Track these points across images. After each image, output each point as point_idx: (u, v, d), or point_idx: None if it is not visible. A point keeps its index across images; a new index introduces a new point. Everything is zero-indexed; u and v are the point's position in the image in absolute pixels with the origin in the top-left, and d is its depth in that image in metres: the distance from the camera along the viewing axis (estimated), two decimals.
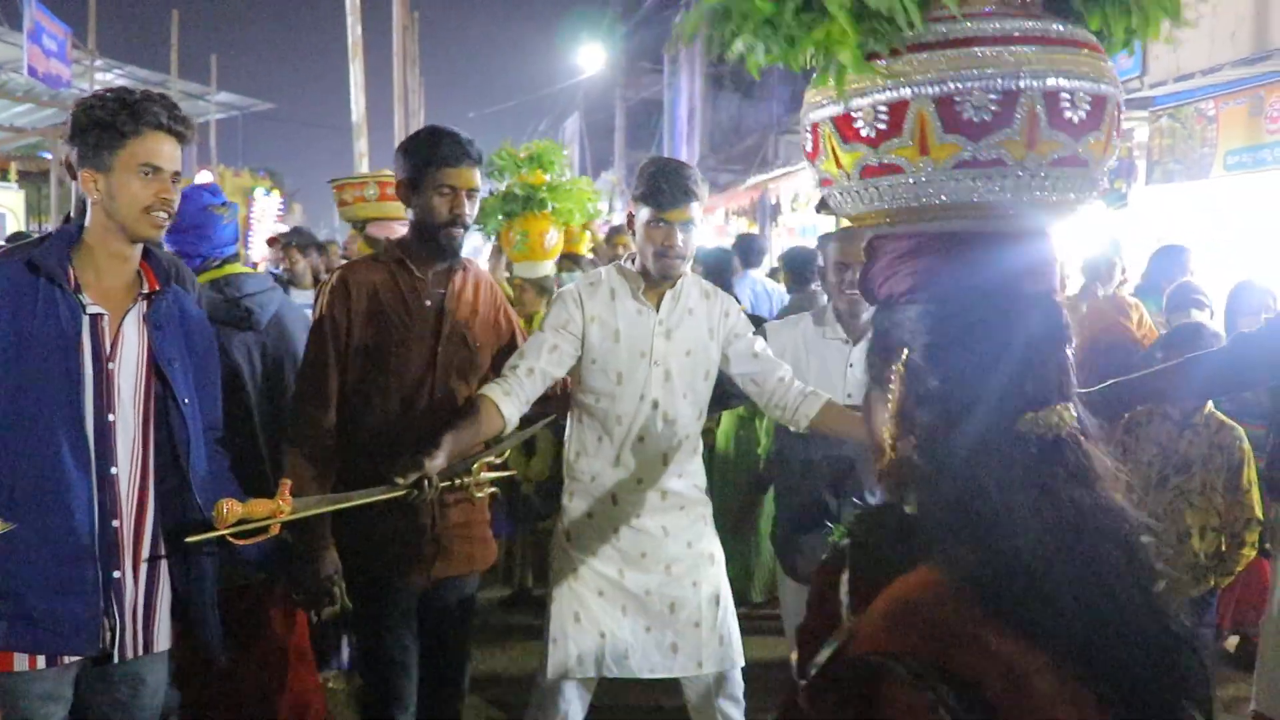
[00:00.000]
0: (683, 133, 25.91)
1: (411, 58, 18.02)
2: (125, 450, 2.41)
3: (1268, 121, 7.39)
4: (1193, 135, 8.08)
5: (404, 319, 3.09)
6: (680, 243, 3.10)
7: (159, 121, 2.39)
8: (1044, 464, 1.17)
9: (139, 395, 2.44)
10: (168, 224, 2.46)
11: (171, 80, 24.70)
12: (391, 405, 3.07)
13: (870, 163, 1.26)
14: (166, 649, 2.54)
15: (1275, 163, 7.35)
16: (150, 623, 2.47)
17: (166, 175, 2.41)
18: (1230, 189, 7.84)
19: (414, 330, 3.10)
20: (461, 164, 3.07)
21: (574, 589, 3.18)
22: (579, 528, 3.21)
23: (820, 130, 1.31)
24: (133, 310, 2.46)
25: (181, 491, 2.47)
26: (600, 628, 3.15)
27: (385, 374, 3.07)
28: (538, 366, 3.07)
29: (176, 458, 2.48)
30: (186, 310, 2.62)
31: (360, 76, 11.98)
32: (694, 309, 3.22)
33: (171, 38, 25.01)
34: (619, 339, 3.14)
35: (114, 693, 2.46)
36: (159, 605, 2.49)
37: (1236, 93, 7.66)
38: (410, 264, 3.13)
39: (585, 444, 3.21)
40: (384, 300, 3.09)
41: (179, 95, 24.92)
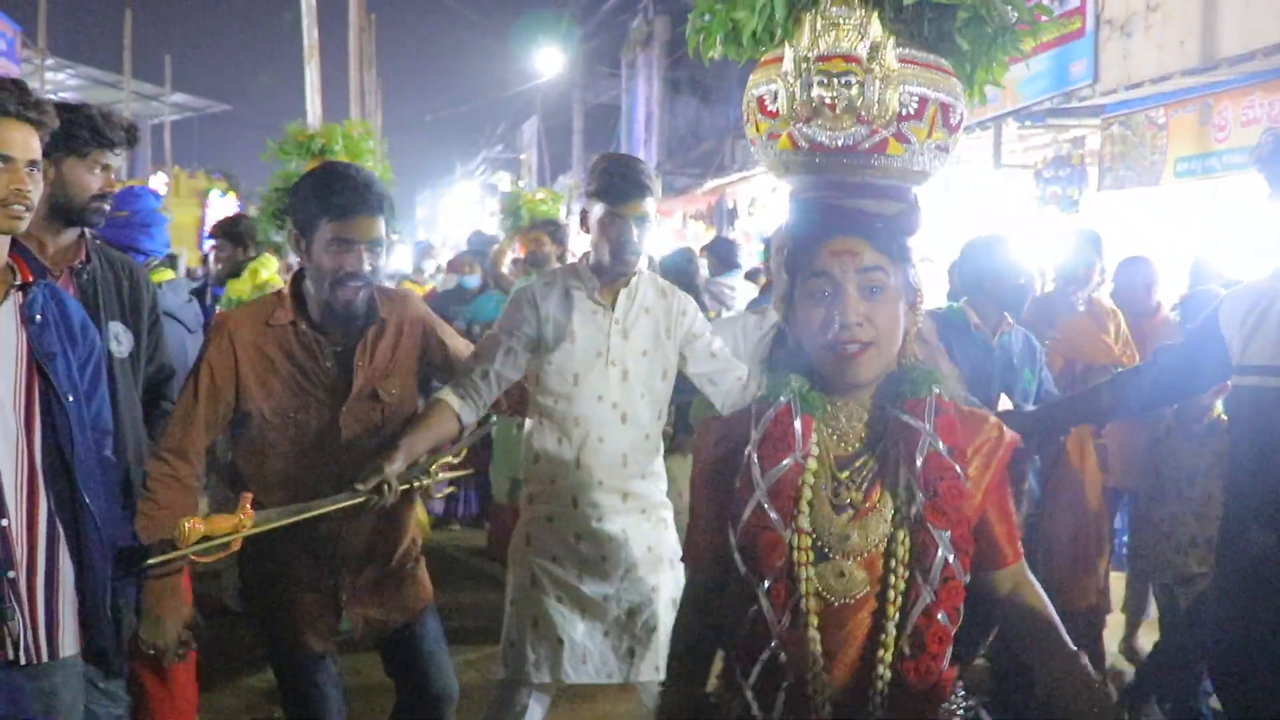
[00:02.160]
0: (640, 136, 25.92)
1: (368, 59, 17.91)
2: (7, 450, 2.29)
3: (1216, 130, 7.51)
4: (1143, 142, 8.19)
5: (300, 383, 2.86)
6: (636, 238, 3.08)
7: (6, 109, 2.26)
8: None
9: (18, 393, 2.32)
10: (26, 216, 2.31)
11: (125, 81, 24.40)
12: (288, 461, 2.88)
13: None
14: (74, 654, 2.42)
15: (1224, 170, 7.47)
16: (54, 626, 2.37)
17: (19, 165, 2.27)
18: (1180, 196, 7.96)
19: (313, 395, 2.86)
20: (360, 214, 2.76)
21: (532, 594, 3.16)
22: (538, 531, 3.20)
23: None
24: (6, 304, 2.34)
25: (71, 493, 2.37)
26: (558, 633, 3.13)
27: (281, 434, 2.87)
28: (492, 369, 3.06)
29: (64, 457, 2.36)
30: (66, 305, 2.49)
31: (317, 78, 11.90)
32: (650, 308, 3.20)
33: (124, 38, 24.69)
34: (575, 339, 3.12)
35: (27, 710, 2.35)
36: (61, 608, 2.38)
37: (1186, 101, 7.78)
38: (304, 324, 2.86)
39: (544, 446, 3.19)
40: (275, 363, 2.84)
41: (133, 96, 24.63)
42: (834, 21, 1.73)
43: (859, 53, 1.72)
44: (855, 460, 1.79)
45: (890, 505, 1.75)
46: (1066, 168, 9.09)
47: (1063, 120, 9.12)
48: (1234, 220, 7.57)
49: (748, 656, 1.72)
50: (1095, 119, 8.75)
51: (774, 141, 1.81)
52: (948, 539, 1.71)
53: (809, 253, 1.76)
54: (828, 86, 1.72)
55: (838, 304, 1.72)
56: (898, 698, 1.71)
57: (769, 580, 1.70)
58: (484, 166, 45.31)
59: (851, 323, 1.71)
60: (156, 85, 27.09)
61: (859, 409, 1.81)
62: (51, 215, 3.03)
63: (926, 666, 1.70)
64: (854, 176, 1.79)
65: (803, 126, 1.76)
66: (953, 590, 1.72)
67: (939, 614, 1.70)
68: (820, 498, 1.75)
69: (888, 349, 1.76)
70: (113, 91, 24.80)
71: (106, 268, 3.21)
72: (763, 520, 1.71)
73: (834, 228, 1.76)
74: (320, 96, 11.92)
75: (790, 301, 1.80)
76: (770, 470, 1.73)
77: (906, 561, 1.71)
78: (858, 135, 1.74)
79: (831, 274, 1.73)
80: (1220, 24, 7.40)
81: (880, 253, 1.75)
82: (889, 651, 1.71)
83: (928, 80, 1.78)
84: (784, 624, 1.69)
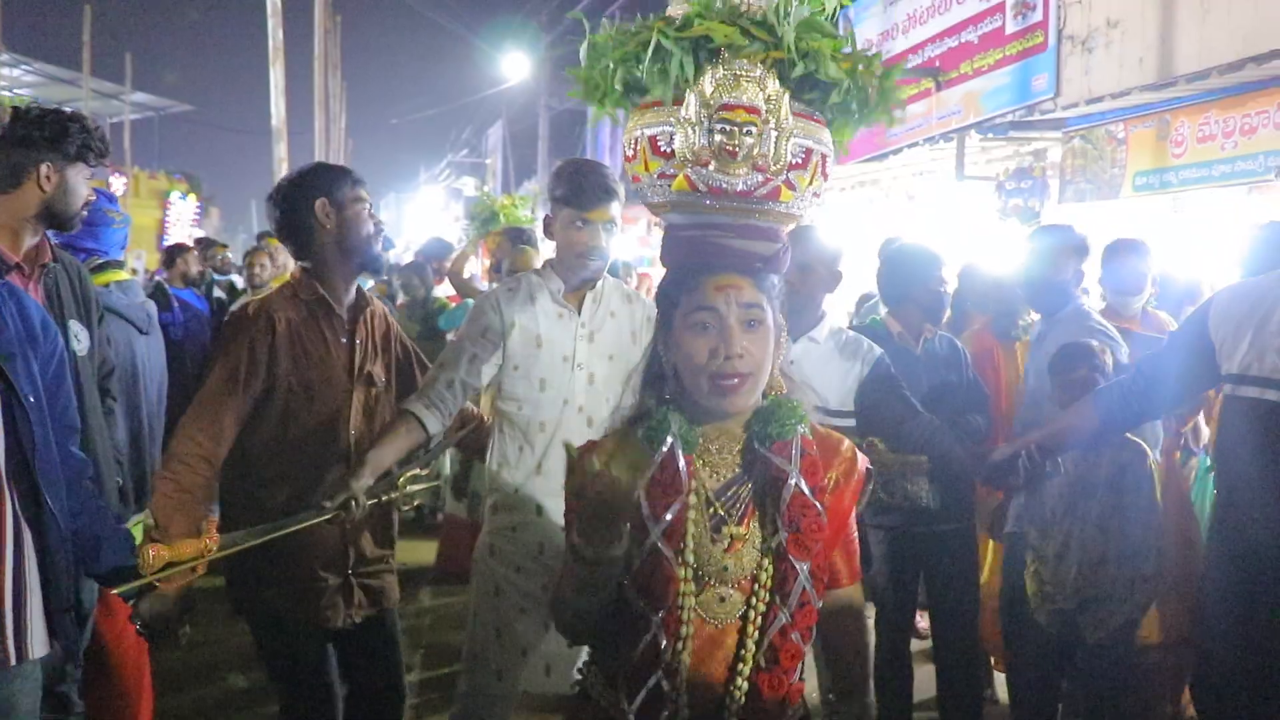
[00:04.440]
0: (605, 143, 25.93)
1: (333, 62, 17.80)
2: None
3: (1173, 145, 7.63)
4: (1103, 156, 8.30)
5: (324, 357, 3.02)
6: (602, 242, 3.08)
7: None
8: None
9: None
10: None
11: (84, 78, 24.07)
12: (307, 438, 2.98)
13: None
14: (44, 655, 2.39)
15: (1180, 185, 7.59)
16: (21, 629, 2.33)
17: None
18: (1138, 209, 8.08)
19: (333, 369, 3.03)
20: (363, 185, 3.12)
21: (496, 605, 3.14)
22: (502, 541, 3.16)
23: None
24: None
25: (35, 495, 2.33)
26: (521, 645, 3.11)
27: (306, 410, 2.98)
28: (458, 378, 3.05)
29: (25, 458, 2.32)
30: (25, 304, 2.45)
31: (281, 80, 11.82)
32: (616, 312, 3.20)
33: (84, 34, 24.36)
34: (540, 344, 3.11)
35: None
36: (29, 611, 2.34)
37: (1144, 116, 7.90)
38: (329, 299, 3.06)
39: (506, 455, 3.16)
40: (306, 338, 3.01)
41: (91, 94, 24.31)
42: (736, 73, 1.84)
43: (759, 104, 1.84)
44: (727, 491, 1.90)
45: (759, 535, 1.88)
46: (1028, 179, 9.20)
47: (1025, 133, 9.23)
48: (1192, 234, 7.70)
49: (635, 682, 1.83)
50: (1057, 132, 8.87)
51: (666, 181, 1.88)
52: (806, 569, 1.86)
53: (693, 286, 1.86)
54: (729, 135, 1.83)
55: (723, 336, 1.82)
56: (752, 707, 1.86)
57: (662, 612, 1.81)
58: (449, 171, 45.21)
59: (735, 354, 1.81)
60: (116, 84, 26.75)
61: (729, 440, 1.92)
62: (42, 218, 3.06)
63: (779, 679, 1.86)
64: (738, 219, 1.89)
65: (701, 170, 1.85)
66: (807, 613, 1.88)
67: (793, 634, 1.86)
68: (701, 531, 1.86)
69: (762, 381, 1.87)
70: (71, 89, 24.45)
71: (62, 268, 3.25)
72: (658, 559, 1.81)
73: (718, 265, 1.87)
74: (285, 99, 11.84)
75: (670, 331, 1.89)
76: (663, 515, 1.82)
77: (769, 586, 1.86)
78: (753, 181, 1.85)
79: (716, 308, 1.83)
80: (1178, 42, 7.51)
81: (759, 290, 1.86)
82: (747, 665, 1.85)
83: (812, 132, 1.91)
84: (671, 652, 1.81)
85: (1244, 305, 2.62)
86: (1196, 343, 2.71)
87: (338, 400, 3.02)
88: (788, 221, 1.96)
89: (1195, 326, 2.73)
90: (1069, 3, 8.60)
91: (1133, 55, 7.90)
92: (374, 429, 3.07)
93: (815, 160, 1.90)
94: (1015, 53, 9.13)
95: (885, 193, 12.72)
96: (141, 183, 24.77)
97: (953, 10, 10.07)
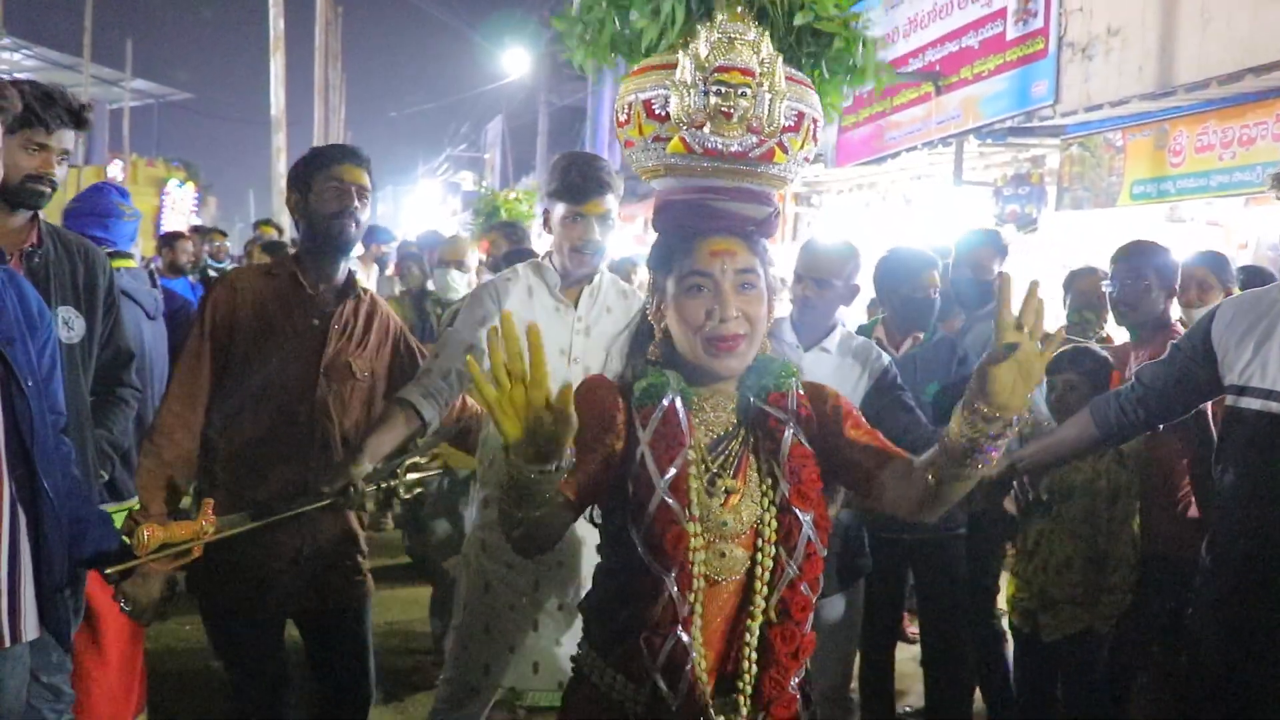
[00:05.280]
0: (605, 140, 25.93)
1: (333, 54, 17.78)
2: None
3: (1171, 154, 7.65)
4: (1101, 164, 8.32)
5: (289, 334, 2.99)
6: (598, 236, 3.06)
7: None
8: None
9: None
10: None
11: (84, 64, 24.03)
12: (263, 421, 2.95)
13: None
14: (35, 638, 2.39)
15: (1178, 194, 7.61)
16: (16, 610, 2.34)
17: None
18: (1135, 218, 8.09)
19: (297, 348, 2.99)
20: (347, 161, 3.06)
21: (485, 600, 3.12)
22: (494, 536, 3.11)
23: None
24: None
25: (30, 478, 2.34)
26: (509, 642, 3.10)
27: (263, 387, 2.94)
28: (454, 368, 3.02)
29: (23, 442, 2.33)
30: (24, 290, 2.46)
31: (281, 71, 11.81)
32: (612, 307, 3.17)
33: (85, 19, 24.32)
34: None
35: None
36: (23, 592, 2.35)
37: (1143, 125, 7.91)
38: (303, 278, 3.04)
39: (500, 448, 3.14)
40: (270, 312, 2.99)
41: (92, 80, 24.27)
42: (730, 35, 1.87)
43: (753, 67, 1.87)
44: (718, 446, 1.92)
45: (757, 489, 1.90)
46: (1026, 186, 9.21)
47: (1023, 139, 9.25)
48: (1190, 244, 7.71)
49: (656, 640, 1.83)
50: (1055, 139, 8.88)
51: (662, 144, 1.90)
52: (810, 520, 1.88)
53: (688, 250, 1.90)
54: (724, 96, 1.85)
55: (718, 298, 1.86)
56: (765, 659, 1.87)
57: (675, 569, 1.82)
58: (447, 165, 45.18)
59: (730, 316, 1.85)
60: (117, 70, 26.70)
61: (724, 399, 1.95)
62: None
63: (791, 632, 1.88)
64: (731, 181, 1.92)
65: (697, 132, 1.87)
66: (814, 564, 1.89)
67: (802, 585, 1.87)
68: (699, 486, 1.88)
69: (757, 342, 1.91)
70: (71, 75, 24.40)
71: (61, 251, 3.17)
72: (668, 515, 1.82)
73: (712, 228, 1.91)
74: (284, 89, 11.83)
75: (664, 295, 1.93)
76: (668, 468, 1.83)
77: (774, 540, 1.87)
78: (748, 143, 1.88)
79: (711, 272, 1.87)
80: (1178, 51, 7.54)
81: (752, 253, 1.91)
82: (757, 621, 1.87)
83: (803, 96, 1.94)
84: (689, 608, 1.83)
85: (1248, 316, 2.58)
86: (1199, 352, 2.66)
87: (300, 383, 2.98)
88: (780, 185, 1.99)
89: (1198, 335, 2.68)
90: (1070, 10, 8.62)
91: (1132, 63, 7.93)
92: (348, 422, 3.04)
93: (807, 124, 1.94)
94: (1015, 59, 9.16)
95: (883, 196, 12.73)
96: (139, 170, 24.72)
97: (954, 15, 10.09)
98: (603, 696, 1.95)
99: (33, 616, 2.38)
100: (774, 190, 1.98)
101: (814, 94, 1.99)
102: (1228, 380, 2.59)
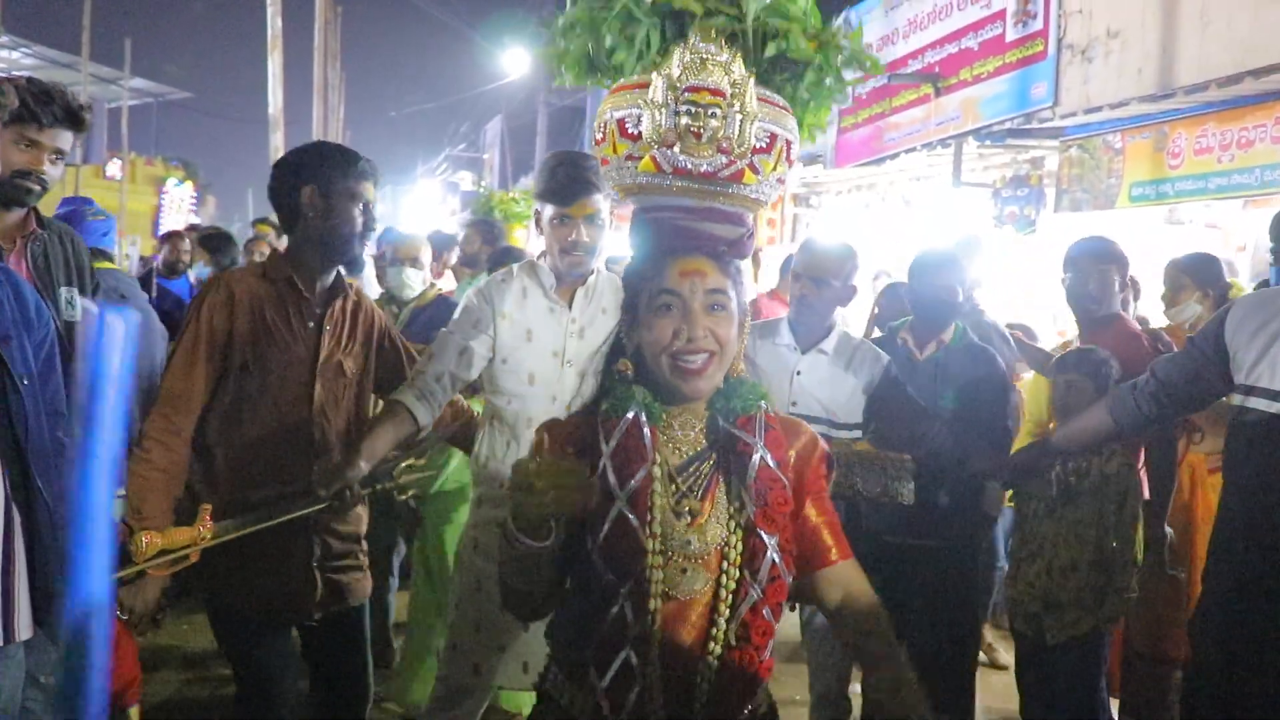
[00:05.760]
0: None
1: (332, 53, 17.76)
2: None
3: (1170, 157, 7.64)
4: (1100, 166, 8.31)
5: (286, 338, 2.95)
6: (586, 238, 3.04)
7: None
8: None
9: None
10: None
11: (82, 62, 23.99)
12: (262, 425, 2.92)
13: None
14: (29, 637, 2.39)
15: (1176, 196, 7.60)
16: (10, 610, 2.34)
17: None
18: (1133, 220, 8.09)
19: (294, 351, 2.96)
20: (369, 178, 3.00)
21: (477, 599, 3.12)
22: (487, 535, 3.13)
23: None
24: None
25: (25, 477, 2.34)
26: (501, 640, 3.10)
27: (261, 393, 2.91)
28: (447, 370, 3.02)
29: (17, 441, 2.33)
30: (20, 288, 2.46)
31: (279, 70, 11.80)
32: (608, 308, 3.15)
33: (84, 18, 24.28)
34: (531, 338, 3.08)
35: None
36: (17, 592, 2.35)
37: (1142, 127, 7.91)
38: (300, 281, 2.99)
39: (494, 448, 3.14)
40: (268, 317, 2.94)
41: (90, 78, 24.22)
42: (702, 56, 1.89)
43: (724, 88, 1.88)
44: (689, 468, 1.92)
45: (725, 511, 1.90)
46: (1025, 188, 9.20)
47: (1022, 141, 9.25)
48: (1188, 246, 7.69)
49: (604, 656, 1.83)
50: (1054, 141, 8.88)
51: (633, 163, 1.91)
52: (775, 543, 1.87)
53: (658, 269, 1.90)
54: (694, 116, 1.87)
55: (686, 318, 1.85)
56: (722, 683, 1.86)
57: (629, 583, 1.82)
58: (446, 165, 45.15)
59: (699, 336, 1.85)
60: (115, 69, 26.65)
61: (692, 419, 1.95)
62: None
63: (750, 656, 1.87)
64: (703, 201, 1.92)
65: (667, 151, 1.88)
66: (778, 588, 1.89)
67: (764, 610, 1.87)
68: (664, 504, 1.87)
69: (725, 363, 1.91)
70: (70, 73, 24.35)
71: (54, 236, 3.22)
72: (624, 527, 1.82)
73: (683, 248, 1.91)
74: (283, 88, 11.82)
75: (635, 313, 1.93)
76: (629, 481, 1.84)
77: (738, 563, 1.87)
78: (717, 163, 1.88)
79: (680, 292, 1.86)
80: (1177, 54, 7.53)
81: (723, 275, 1.90)
82: (718, 643, 1.86)
83: (776, 118, 1.94)
84: (639, 625, 1.82)
85: (1261, 314, 2.56)
86: (1212, 349, 2.65)
87: (298, 386, 2.95)
88: (752, 206, 1.98)
89: (1212, 332, 2.66)
90: (1070, 12, 8.62)
91: (1132, 66, 7.92)
92: (341, 421, 3.01)
93: (780, 145, 1.94)
94: (1015, 60, 9.15)
95: (882, 197, 12.72)
96: (138, 169, 24.70)
97: (953, 16, 10.08)
98: (566, 715, 1.93)
99: (27, 617, 2.38)
100: (747, 211, 1.98)
101: (789, 116, 2.00)
102: (1237, 379, 2.57)
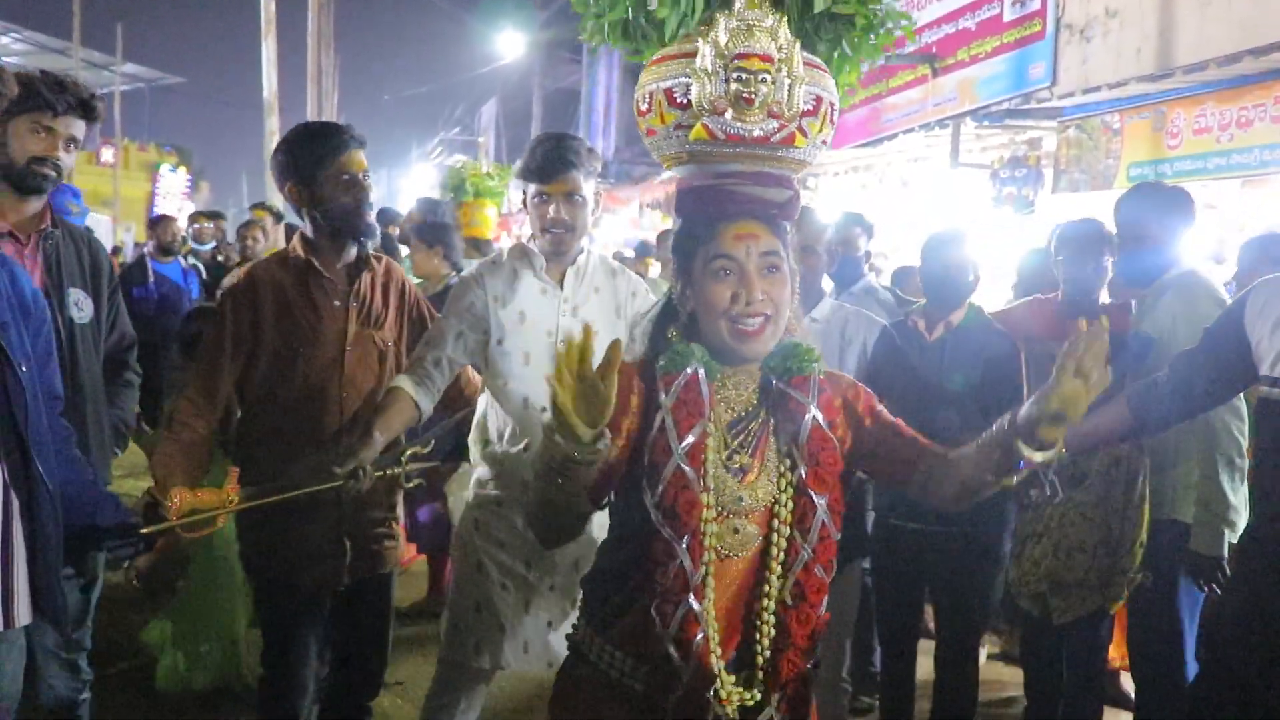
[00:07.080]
0: (599, 124, 25.86)
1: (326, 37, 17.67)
2: None
3: (1168, 137, 7.62)
4: (1098, 146, 8.29)
5: (312, 321, 3.06)
6: (565, 215, 3.02)
7: None
8: None
9: None
10: None
11: (74, 48, 23.91)
12: (295, 404, 3.05)
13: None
14: (25, 625, 2.38)
15: (1175, 176, 7.58)
16: (9, 595, 2.33)
17: None
18: None
19: (322, 332, 3.07)
20: (350, 148, 3.06)
21: (477, 580, 3.12)
22: (487, 516, 3.14)
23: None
24: None
25: (25, 464, 2.34)
26: (501, 621, 3.09)
27: (292, 374, 3.04)
28: (444, 355, 3.03)
29: (16, 426, 2.33)
30: (17, 275, 2.47)
31: (273, 54, 11.76)
32: (600, 287, 3.16)
33: (74, 2, 24.15)
34: (524, 319, 3.08)
35: None
36: (16, 577, 2.34)
37: (1140, 107, 7.88)
38: (318, 265, 3.08)
39: (494, 429, 3.14)
40: (292, 301, 3.05)
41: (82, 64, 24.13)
42: (749, 23, 1.92)
43: (772, 53, 1.91)
44: (739, 425, 1.96)
45: (775, 470, 1.94)
46: (1023, 168, 9.18)
47: (1020, 121, 9.22)
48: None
49: (669, 608, 1.86)
50: (1052, 121, 8.86)
51: (684, 132, 1.94)
52: (825, 503, 1.91)
53: (712, 235, 1.93)
54: (745, 83, 1.89)
55: (743, 283, 1.89)
56: (781, 642, 1.91)
57: (687, 537, 1.85)
58: (441, 149, 45.02)
59: (757, 299, 1.89)
60: (107, 54, 26.56)
61: (747, 379, 1.98)
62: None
63: (806, 614, 1.92)
64: (752, 166, 1.96)
65: (719, 118, 1.91)
66: (828, 547, 1.93)
67: (816, 568, 1.91)
68: (717, 460, 1.91)
69: (781, 324, 1.95)
70: (61, 59, 24.26)
71: (67, 236, 3.28)
72: (682, 480, 1.86)
73: (735, 213, 1.94)
74: (277, 73, 11.77)
75: (690, 279, 1.96)
76: (686, 435, 1.87)
77: (789, 521, 1.91)
78: (769, 128, 1.92)
79: (735, 256, 1.90)
80: (1176, 33, 7.50)
81: (775, 237, 1.94)
82: (772, 600, 1.91)
83: (819, 81, 1.98)
84: (699, 577, 1.86)
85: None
86: (1232, 339, 2.51)
87: (331, 363, 3.06)
88: (799, 169, 2.02)
89: (1231, 321, 2.52)
90: None
91: (1130, 45, 7.88)
92: (378, 390, 3.11)
93: (825, 108, 1.98)
94: (1012, 40, 9.11)
95: (879, 179, 12.70)
96: (131, 155, 24.66)
97: None
98: (601, 674, 1.97)
99: (26, 601, 2.38)
100: (793, 174, 2.01)
101: (829, 78, 2.04)
102: (1262, 370, 2.44)
